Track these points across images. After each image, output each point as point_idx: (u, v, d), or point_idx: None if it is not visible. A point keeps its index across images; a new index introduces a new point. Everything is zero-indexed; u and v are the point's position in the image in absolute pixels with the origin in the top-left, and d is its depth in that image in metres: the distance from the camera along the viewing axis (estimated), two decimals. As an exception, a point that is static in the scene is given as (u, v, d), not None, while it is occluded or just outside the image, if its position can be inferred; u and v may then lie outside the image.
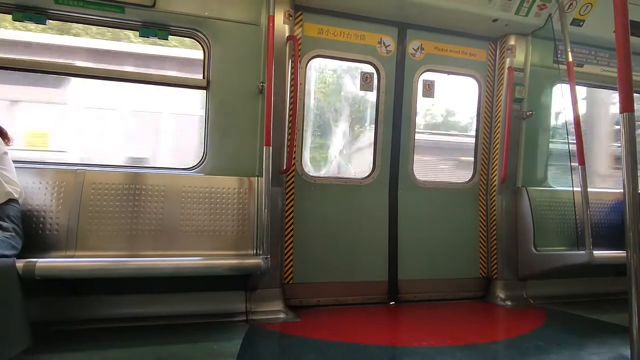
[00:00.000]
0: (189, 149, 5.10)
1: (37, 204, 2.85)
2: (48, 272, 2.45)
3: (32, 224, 2.81)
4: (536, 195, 4.03)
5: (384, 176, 3.89)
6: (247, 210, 3.22)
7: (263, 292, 3.25)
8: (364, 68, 3.88)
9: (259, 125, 3.35)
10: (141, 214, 3.02)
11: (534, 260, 3.83)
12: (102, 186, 2.99)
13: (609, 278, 4.05)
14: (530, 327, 3.15)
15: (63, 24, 3.81)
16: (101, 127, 5.31)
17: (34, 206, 2.85)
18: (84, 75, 3.32)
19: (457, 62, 4.09)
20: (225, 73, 3.34)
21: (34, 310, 2.72)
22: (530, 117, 4.04)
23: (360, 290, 3.75)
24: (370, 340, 2.79)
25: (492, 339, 2.99)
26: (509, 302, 3.87)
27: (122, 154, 5.26)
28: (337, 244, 3.70)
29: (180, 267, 2.71)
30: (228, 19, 3.32)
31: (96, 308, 2.89)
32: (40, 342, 2.46)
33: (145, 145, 5.53)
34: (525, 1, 3.67)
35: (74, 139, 5.19)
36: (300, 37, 3.59)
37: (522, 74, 4.05)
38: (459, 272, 4.05)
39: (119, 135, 5.39)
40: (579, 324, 3.28)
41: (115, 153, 5.27)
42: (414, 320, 3.40)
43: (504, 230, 4.03)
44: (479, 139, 4.20)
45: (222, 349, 2.49)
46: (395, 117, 3.90)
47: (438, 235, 4.01)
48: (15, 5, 2.98)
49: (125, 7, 3.10)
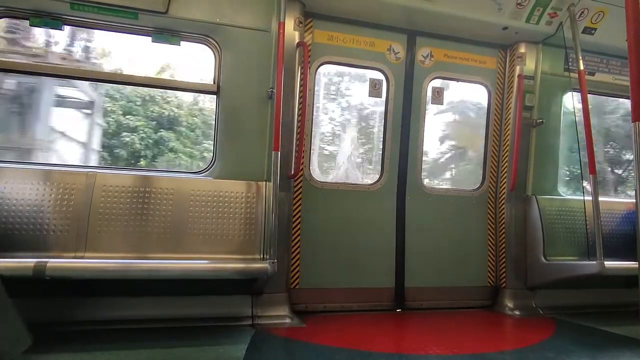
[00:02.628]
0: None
1: (48, 204, 2.90)
2: (58, 273, 2.48)
3: (43, 224, 2.86)
4: (546, 203, 3.98)
5: (391, 182, 3.88)
6: (255, 214, 3.24)
7: (269, 296, 3.25)
8: (373, 75, 3.90)
9: (268, 130, 3.37)
10: (150, 216, 3.04)
11: (544, 270, 3.78)
12: (113, 188, 3.02)
13: (620, 289, 3.98)
14: (539, 337, 3.10)
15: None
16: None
17: (45, 207, 2.89)
18: (97, 80, 3.38)
19: (466, 69, 4.09)
20: (235, 78, 3.38)
21: (41, 310, 2.76)
22: (540, 125, 4.01)
23: (367, 296, 3.73)
24: (376, 347, 2.76)
25: (500, 349, 2.95)
26: (517, 312, 3.82)
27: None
28: (343, 249, 3.69)
29: (187, 270, 2.73)
30: (239, 26, 3.37)
31: (102, 309, 2.92)
32: (47, 343, 2.48)
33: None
34: (536, 9, 3.66)
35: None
36: (310, 43, 3.62)
37: (532, 81, 4.03)
38: (466, 280, 4.01)
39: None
40: (589, 336, 3.22)
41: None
42: (420, 328, 3.37)
43: (513, 239, 3.98)
44: (488, 147, 4.18)
45: (228, 353, 2.49)
46: (403, 124, 3.90)
47: (446, 243, 3.98)
48: (33, 11, 3.05)
49: (138, 13, 3.16)
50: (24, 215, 2.83)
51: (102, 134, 4.59)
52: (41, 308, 2.79)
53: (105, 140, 4.61)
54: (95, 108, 4.49)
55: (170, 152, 4.86)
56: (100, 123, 4.55)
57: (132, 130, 4.65)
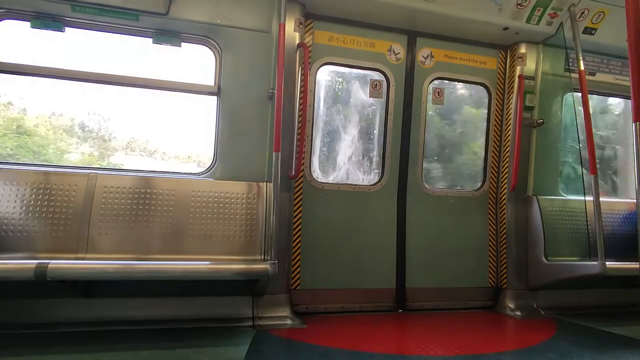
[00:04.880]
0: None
1: (49, 206, 2.90)
2: (60, 274, 2.48)
3: (45, 225, 2.86)
4: (547, 204, 3.98)
5: (392, 183, 3.88)
6: (256, 215, 3.24)
7: (270, 297, 3.25)
8: (373, 75, 3.90)
9: (269, 131, 3.37)
10: (151, 217, 3.05)
11: (545, 270, 3.77)
12: (114, 190, 3.03)
13: (621, 289, 3.97)
14: (540, 338, 3.10)
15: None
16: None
17: (47, 208, 2.89)
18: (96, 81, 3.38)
19: (467, 69, 4.09)
20: (235, 80, 3.38)
21: (42, 311, 2.76)
22: (541, 126, 4.01)
23: (368, 297, 3.73)
24: (378, 348, 2.76)
25: (502, 349, 2.94)
26: (518, 312, 3.81)
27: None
28: (344, 250, 3.69)
29: (188, 271, 2.73)
30: (239, 27, 3.37)
31: (103, 310, 2.92)
32: (47, 343, 2.49)
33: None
34: (536, 10, 3.66)
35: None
36: (311, 44, 3.62)
37: (532, 82, 4.03)
38: (467, 280, 4.01)
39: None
40: (591, 336, 3.21)
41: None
42: (421, 329, 3.36)
43: (514, 239, 3.98)
44: (488, 147, 4.17)
45: (229, 354, 2.49)
46: (404, 125, 3.90)
47: (446, 243, 3.98)
48: (34, 12, 3.06)
49: (139, 15, 3.17)
50: (25, 216, 2.83)
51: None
52: (42, 309, 2.80)
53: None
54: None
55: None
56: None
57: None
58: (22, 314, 2.79)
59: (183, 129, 3.79)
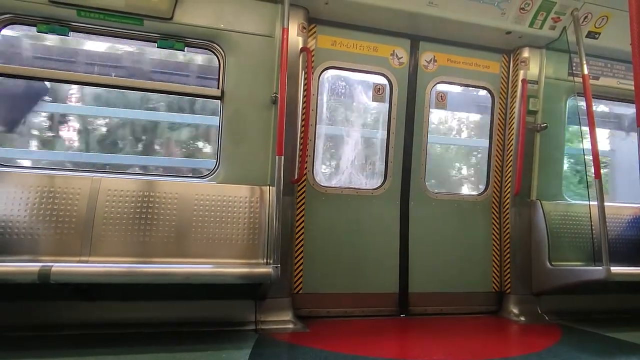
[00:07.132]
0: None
1: (53, 209, 2.91)
2: (63, 277, 2.49)
3: (49, 228, 2.87)
4: (551, 208, 3.96)
5: (395, 187, 3.87)
6: (258, 219, 3.24)
7: (272, 301, 3.24)
8: (376, 79, 3.90)
9: (272, 135, 3.38)
10: (154, 221, 3.06)
11: (549, 275, 3.75)
12: (117, 193, 3.04)
13: (626, 295, 3.94)
14: (545, 344, 3.07)
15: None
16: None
17: (50, 211, 2.91)
18: (102, 85, 3.41)
19: (470, 74, 4.08)
20: (239, 84, 3.40)
21: (45, 313, 2.77)
22: (544, 130, 3.99)
23: (371, 302, 3.71)
24: (381, 353, 2.75)
25: (506, 355, 2.92)
26: (522, 318, 3.78)
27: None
28: (347, 254, 3.68)
29: (191, 275, 2.73)
30: (243, 31, 3.39)
31: (105, 313, 2.92)
32: (50, 346, 2.49)
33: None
34: (539, 14, 3.66)
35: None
36: (314, 48, 3.63)
37: (536, 86, 4.02)
38: (471, 285, 3.98)
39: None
40: (596, 342, 3.18)
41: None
42: (424, 334, 3.34)
43: (518, 244, 3.95)
44: (492, 151, 4.16)
45: (231, 358, 2.48)
46: (407, 129, 3.90)
47: (450, 248, 3.96)
48: (40, 17, 3.09)
49: (144, 20, 3.19)
50: (29, 219, 2.85)
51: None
52: (45, 312, 2.81)
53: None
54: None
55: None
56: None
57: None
58: (25, 317, 2.79)
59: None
